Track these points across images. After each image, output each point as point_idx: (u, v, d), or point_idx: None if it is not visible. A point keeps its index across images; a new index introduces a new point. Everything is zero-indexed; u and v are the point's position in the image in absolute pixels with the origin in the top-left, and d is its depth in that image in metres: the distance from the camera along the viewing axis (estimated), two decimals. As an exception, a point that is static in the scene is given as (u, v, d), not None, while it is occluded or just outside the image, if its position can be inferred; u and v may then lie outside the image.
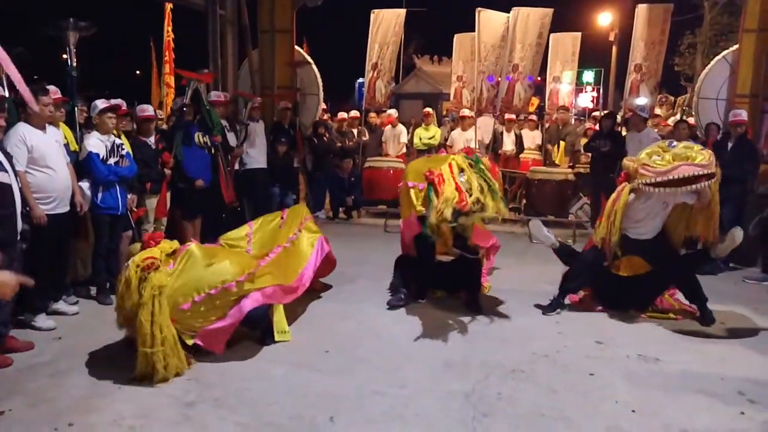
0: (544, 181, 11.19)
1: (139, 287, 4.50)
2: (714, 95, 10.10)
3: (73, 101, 6.57)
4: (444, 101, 22.17)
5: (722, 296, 6.72)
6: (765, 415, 4.15)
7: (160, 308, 4.46)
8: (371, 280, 7.09)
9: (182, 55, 15.22)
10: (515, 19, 12.22)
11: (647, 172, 5.60)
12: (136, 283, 4.51)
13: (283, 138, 10.33)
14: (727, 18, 21.97)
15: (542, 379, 4.65)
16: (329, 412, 4.04)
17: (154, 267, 4.57)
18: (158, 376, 4.39)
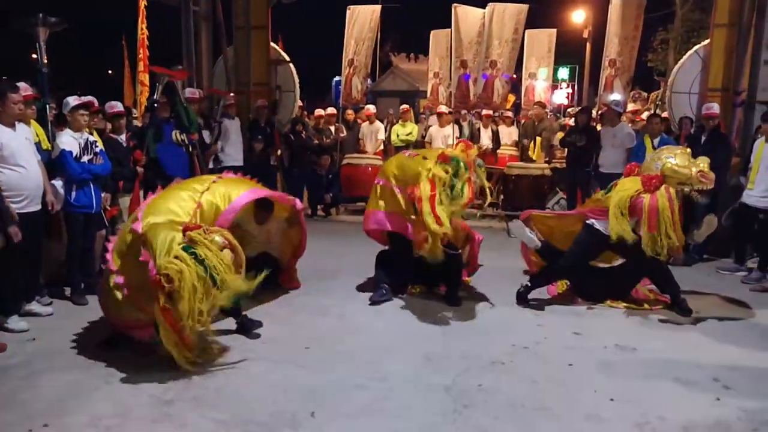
0: (520, 176, 11.26)
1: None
2: (687, 89, 10.21)
3: (44, 99, 6.46)
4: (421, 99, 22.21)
5: (697, 286, 6.85)
6: (740, 400, 4.21)
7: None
8: (351, 276, 7.08)
9: (156, 51, 15.07)
10: (491, 14, 12.28)
11: (707, 180, 5.65)
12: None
13: (259, 136, 10.29)
14: (698, 14, 22.28)
15: (522, 370, 4.68)
16: (310, 407, 4.02)
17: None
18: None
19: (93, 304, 5.85)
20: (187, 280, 4.25)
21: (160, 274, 4.26)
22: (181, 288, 4.24)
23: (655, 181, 5.72)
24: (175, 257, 4.33)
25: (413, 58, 29.55)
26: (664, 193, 5.63)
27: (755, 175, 7.36)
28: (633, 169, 6.23)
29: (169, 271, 4.25)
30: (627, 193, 5.80)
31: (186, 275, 4.25)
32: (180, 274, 4.25)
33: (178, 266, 4.27)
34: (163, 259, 4.32)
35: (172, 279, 4.25)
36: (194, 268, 4.30)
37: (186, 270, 4.27)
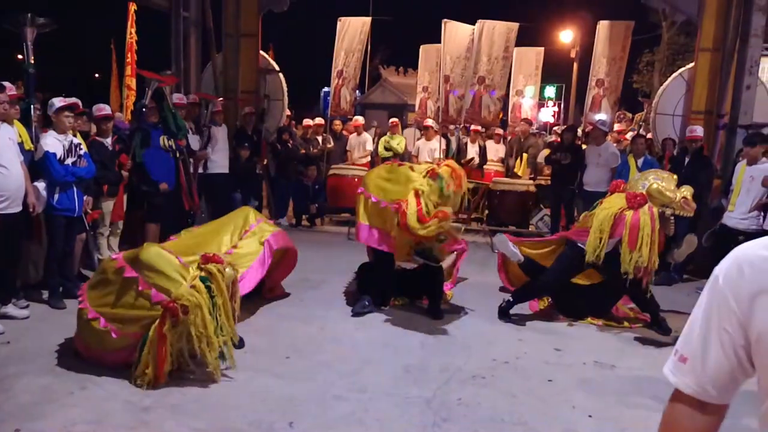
0: (506, 192, 11.29)
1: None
2: (671, 111, 10.33)
3: (29, 99, 6.41)
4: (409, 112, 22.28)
5: (676, 306, 6.87)
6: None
7: None
8: (333, 287, 7.07)
9: (145, 56, 15.01)
10: (480, 31, 12.36)
11: (688, 207, 5.69)
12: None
13: (246, 143, 10.26)
14: (683, 38, 22.59)
15: (502, 384, 4.69)
16: (289, 417, 4.00)
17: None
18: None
19: (71, 308, 5.77)
20: (204, 315, 4.33)
21: (179, 302, 4.27)
22: (194, 323, 4.31)
23: (640, 198, 5.76)
24: (192, 286, 4.36)
25: (402, 71, 29.65)
26: (647, 211, 5.68)
27: (736, 197, 7.46)
28: (618, 185, 6.26)
29: (189, 304, 4.28)
30: (612, 210, 5.83)
31: (204, 310, 4.33)
32: (198, 309, 4.31)
33: (197, 300, 4.32)
34: (183, 288, 4.34)
35: (188, 311, 4.28)
36: (208, 303, 4.37)
37: (204, 306, 4.34)
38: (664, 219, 5.78)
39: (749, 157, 7.39)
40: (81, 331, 4.77)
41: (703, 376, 1.38)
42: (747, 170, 7.38)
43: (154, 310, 4.34)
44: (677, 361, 1.44)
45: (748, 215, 7.35)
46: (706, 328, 1.37)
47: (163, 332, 4.31)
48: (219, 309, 4.46)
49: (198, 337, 4.34)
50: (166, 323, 4.31)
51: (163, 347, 4.31)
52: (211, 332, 4.36)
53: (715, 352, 1.36)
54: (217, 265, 4.54)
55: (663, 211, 5.71)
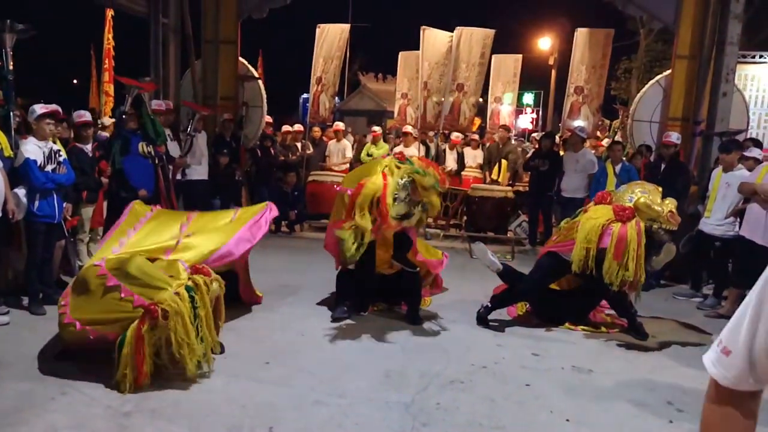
0: (484, 198, 11.38)
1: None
2: (648, 118, 10.48)
3: (8, 106, 6.37)
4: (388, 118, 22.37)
5: (653, 311, 6.99)
6: (692, 423, 4.27)
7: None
8: (313, 293, 7.08)
9: (123, 62, 14.94)
10: (458, 38, 12.47)
11: (674, 221, 5.74)
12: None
13: (225, 150, 10.26)
14: (661, 45, 22.89)
15: (480, 389, 4.73)
16: (269, 422, 4.01)
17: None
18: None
19: (50, 314, 5.76)
20: (185, 323, 4.34)
21: (160, 306, 4.29)
22: (175, 330, 4.32)
23: (628, 212, 5.77)
24: (176, 293, 4.38)
25: (381, 78, 29.77)
26: (634, 225, 5.68)
27: (712, 203, 7.56)
28: (605, 197, 6.22)
29: (170, 310, 4.30)
30: (599, 221, 5.82)
31: (185, 319, 4.35)
32: (177, 318, 4.33)
33: (179, 308, 4.34)
34: (167, 293, 4.36)
35: (167, 317, 4.30)
36: (190, 312, 4.39)
37: (185, 314, 4.36)
38: (654, 231, 5.85)
39: (725, 163, 7.50)
40: (60, 332, 4.80)
41: (744, 370, 1.42)
42: (723, 177, 7.48)
43: (135, 312, 4.36)
44: (720, 352, 1.48)
45: (724, 221, 7.45)
46: (752, 323, 1.41)
47: (141, 333, 4.31)
48: (201, 320, 4.49)
49: (179, 343, 4.35)
50: (144, 325, 4.32)
51: (142, 348, 4.31)
52: (193, 339, 4.38)
53: (759, 346, 1.40)
54: (205, 277, 4.58)
55: (650, 225, 5.76)
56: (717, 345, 1.50)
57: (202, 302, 4.51)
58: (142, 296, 4.37)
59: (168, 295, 4.35)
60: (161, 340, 4.39)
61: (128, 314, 4.38)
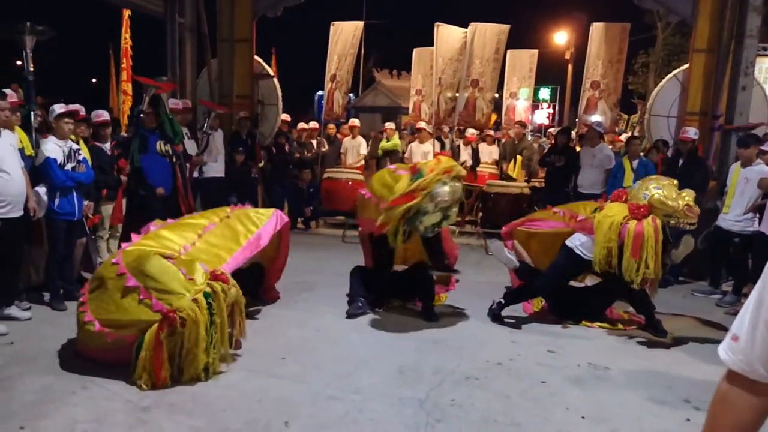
0: (500, 194, 11.35)
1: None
2: (665, 113, 10.37)
3: (29, 106, 6.48)
4: (403, 115, 22.36)
5: (671, 308, 6.94)
6: (708, 420, 4.28)
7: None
8: (329, 289, 7.12)
9: (140, 62, 15.05)
10: (473, 34, 12.44)
11: (692, 214, 5.68)
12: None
13: (240, 148, 10.33)
14: (678, 38, 22.67)
15: (495, 386, 4.73)
16: (284, 416, 4.06)
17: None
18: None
19: (71, 310, 5.81)
20: (197, 331, 4.41)
21: (178, 314, 4.36)
22: (188, 337, 4.41)
23: (643, 210, 5.72)
24: (194, 299, 4.44)
25: (396, 74, 29.75)
26: (650, 222, 5.63)
27: (730, 199, 7.49)
28: (621, 195, 6.18)
29: (188, 318, 4.37)
30: (616, 219, 5.77)
31: (199, 326, 4.42)
32: (195, 326, 4.40)
33: (197, 316, 4.41)
34: (186, 300, 4.42)
35: (185, 325, 4.37)
36: (206, 319, 4.46)
37: (201, 321, 4.42)
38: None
39: (743, 158, 7.43)
40: (78, 331, 4.86)
41: (752, 355, 1.45)
42: (741, 172, 7.41)
43: (153, 316, 4.42)
44: (730, 340, 1.51)
45: (742, 217, 7.38)
46: (756, 310, 1.45)
47: (160, 339, 4.39)
48: (216, 327, 4.56)
49: (187, 350, 4.43)
50: (163, 331, 4.39)
51: (160, 353, 4.39)
52: (200, 350, 4.44)
53: (761, 332, 1.43)
54: (223, 284, 4.63)
55: (667, 221, 5.73)
56: (728, 333, 1.53)
57: (219, 309, 4.56)
58: (161, 301, 4.44)
59: (186, 303, 4.42)
60: (177, 347, 4.47)
61: (146, 318, 4.44)
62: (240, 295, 4.83)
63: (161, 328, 4.39)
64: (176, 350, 4.46)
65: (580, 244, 6.05)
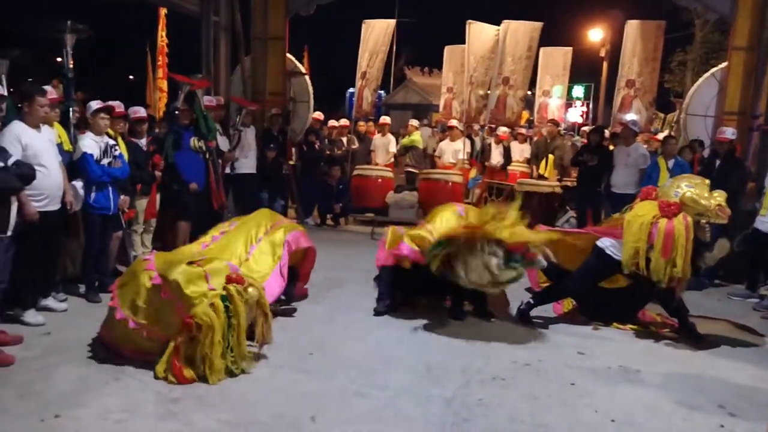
0: (531, 193, 11.26)
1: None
2: (702, 112, 10.21)
3: (68, 102, 6.61)
4: (434, 112, 22.32)
5: (706, 311, 6.75)
6: (744, 428, 4.19)
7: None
8: (357, 286, 7.15)
9: (176, 60, 15.24)
10: (505, 32, 12.38)
11: (724, 215, 5.59)
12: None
13: (272, 144, 10.41)
14: (717, 36, 22.23)
15: (523, 386, 4.70)
16: (311, 411, 4.09)
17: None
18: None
19: (106, 302, 5.88)
20: (213, 336, 4.47)
21: (194, 320, 4.44)
22: (204, 342, 4.46)
23: (674, 207, 5.62)
24: (212, 304, 4.51)
25: (427, 72, 29.68)
26: (681, 220, 5.55)
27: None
28: (650, 192, 6.09)
29: (203, 323, 4.45)
30: (646, 219, 5.69)
31: (216, 331, 4.47)
32: (210, 330, 4.46)
33: (212, 321, 4.47)
34: (202, 306, 4.49)
35: (201, 329, 4.45)
36: (224, 323, 4.52)
37: (216, 326, 4.48)
38: (699, 227, 5.71)
39: (781, 159, 7.28)
40: (111, 328, 4.93)
41: None
42: (780, 172, 7.25)
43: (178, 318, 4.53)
44: None
45: (781, 219, 7.22)
46: None
47: (177, 344, 4.50)
48: (234, 330, 4.61)
49: (203, 357, 4.49)
50: (182, 336, 4.51)
51: (177, 359, 4.48)
52: (216, 354, 4.49)
53: None
54: (238, 286, 4.66)
55: (698, 220, 5.62)
56: None
57: (236, 312, 4.59)
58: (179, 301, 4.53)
59: (202, 309, 4.48)
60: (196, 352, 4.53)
61: (172, 320, 4.56)
62: (263, 295, 4.85)
63: (180, 333, 4.51)
64: (195, 355, 4.53)
65: (611, 244, 5.99)
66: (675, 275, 5.53)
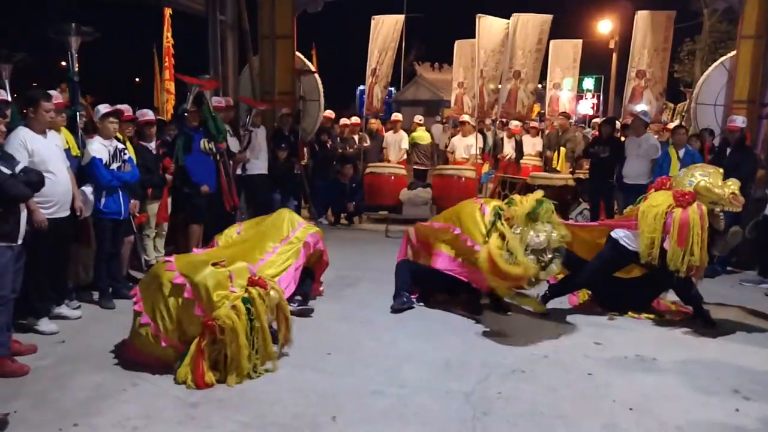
0: (543, 186, 11.16)
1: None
2: (712, 101, 10.17)
3: (74, 106, 6.60)
4: (444, 108, 22.27)
5: (720, 298, 6.82)
6: (760, 412, 4.22)
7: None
8: (372, 284, 7.14)
9: (183, 60, 15.25)
10: (515, 25, 12.33)
11: (737, 203, 5.60)
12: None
13: (283, 144, 10.41)
14: (726, 25, 22.05)
15: (542, 378, 4.71)
16: (331, 411, 4.09)
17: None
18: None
19: (120, 308, 6.01)
20: (237, 339, 4.48)
21: (217, 323, 4.45)
22: (230, 345, 4.48)
23: (688, 197, 5.64)
24: (233, 306, 4.51)
25: (437, 67, 29.61)
26: (696, 209, 5.57)
27: (777, 187, 7.30)
28: (665, 182, 6.11)
29: (225, 326, 4.46)
30: (661, 209, 5.71)
31: (239, 334, 4.48)
32: (233, 334, 4.47)
33: (234, 323, 4.47)
34: (224, 309, 4.50)
35: (224, 332, 4.46)
36: (246, 325, 4.52)
37: (239, 328, 4.49)
38: (714, 215, 5.69)
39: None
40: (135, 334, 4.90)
41: None
42: (790, 159, 7.23)
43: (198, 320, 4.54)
44: None
45: (791, 206, 7.19)
46: None
47: (202, 347, 4.49)
48: (257, 332, 4.61)
49: (230, 359, 4.50)
50: (204, 339, 4.50)
51: (201, 361, 4.47)
52: (243, 357, 4.50)
53: None
54: (260, 289, 4.66)
55: (712, 209, 5.62)
56: None
57: (258, 314, 4.60)
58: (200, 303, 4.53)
59: (224, 311, 4.48)
60: (221, 354, 4.54)
61: (192, 326, 4.57)
62: (283, 298, 4.86)
63: (203, 336, 4.50)
64: (220, 357, 4.54)
65: (625, 235, 6.00)
66: (693, 264, 5.52)
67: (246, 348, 4.51)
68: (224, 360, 4.53)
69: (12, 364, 4.63)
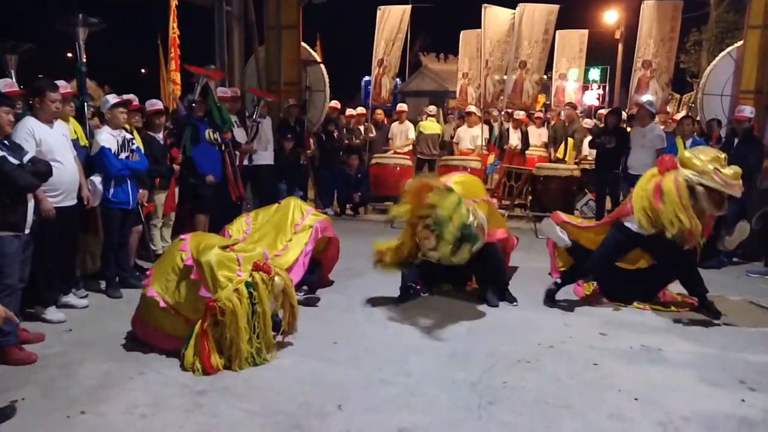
0: (549, 177, 11.22)
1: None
2: (719, 91, 10.13)
3: (82, 96, 6.62)
4: (450, 99, 22.21)
5: (724, 289, 6.83)
6: (765, 402, 4.23)
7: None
8: (378, 274, 7.06)
9: (188, 51, 15.25)
10: (521, 15, 12.29)
11: (718, 179, 5.55)
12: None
13: (289, 135, 10.41)
14: (732, 15, 21.93)
15: (547, 368, 4.72)
16: (337, 400, 4.11)
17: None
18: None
19: (127, 297, 6.05)
20: (237, 322, 4.51)
21: (218, 304, 4.48)
22: (229, 327, 4.51)
23: (668, 162, 5.78)
24: (236, 289, 4.54)
25: (443, 58, 29.49)
26: (671, 177, 5.65)
27: (786, 178, 7.29)
28: (664, 160, 6.06)
29: (226, 308, 4.49)
30: (645, 178, 5.92)
31: (239, 316, 4.52)
32: (233, 316, 4.50)
33: (234, 306, 4.51)
34: (226, 291, 4.53)
35: (224, 313, 4.49)
36: (247, 309, 4.56)
37: (240, 311, 4.52)
38: (698, 194, 5.65)
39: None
40: (142, 309, 4.98)
41: None
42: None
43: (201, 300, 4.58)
44: None
45: (798, 197, 7.18)
46: None
47: (205, 328, 4.53)
48: (259, 317, 4.64)
49: (230, 340, 4.54)
50: (207, 320, 4.53)
51: (206, 342, 4.52)
52: (242, 340, 4.53)
53: None
54: (263, 275, 4.68)
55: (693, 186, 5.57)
56: None
57: (260, 299, 4.63)
58: (205, 287, 4.58)
59: (225, 293, 4.51)
60: (223, 337, 4.57)
61: (197, 298, 4.61)
62: (289, 285, 4.88)
63: (205, 318, 4.54)
64: (224, 342, 4.57)
65: (628, 218, 6.02)
66: (683, 228, 5.56)
67: (246, 332, 4.55)
68: (228, 342, 4.56)
69: (20, 353, 4.67)
